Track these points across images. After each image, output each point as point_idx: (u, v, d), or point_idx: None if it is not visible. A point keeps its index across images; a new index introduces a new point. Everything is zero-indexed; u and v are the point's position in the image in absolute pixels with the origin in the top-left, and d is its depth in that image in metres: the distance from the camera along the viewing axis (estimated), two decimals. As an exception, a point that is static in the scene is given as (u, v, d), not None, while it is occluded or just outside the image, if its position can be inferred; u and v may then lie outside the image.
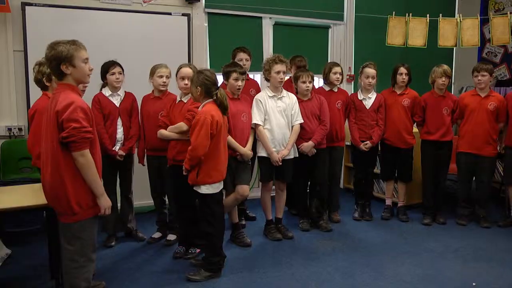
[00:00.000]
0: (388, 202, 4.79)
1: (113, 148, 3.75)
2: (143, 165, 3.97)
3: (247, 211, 4.68)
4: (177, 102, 3.61)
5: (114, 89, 3.80)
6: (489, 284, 3.20)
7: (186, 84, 3.52)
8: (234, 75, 3.65)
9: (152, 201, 4.08)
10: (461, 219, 4.52)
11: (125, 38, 4.57)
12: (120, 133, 3.80)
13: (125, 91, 3.88)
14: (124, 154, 3.78)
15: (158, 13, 4.77)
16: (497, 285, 3.19)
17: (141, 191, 4.28)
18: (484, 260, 3.63)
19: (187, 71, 3.57)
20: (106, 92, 3.79)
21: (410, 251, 3.81)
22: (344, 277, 3.31)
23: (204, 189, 3.16)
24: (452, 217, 4.59)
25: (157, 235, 4.05)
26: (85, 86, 3.33)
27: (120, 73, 3.77)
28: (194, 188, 3.18)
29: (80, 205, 2.37)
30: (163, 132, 3.50)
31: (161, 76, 3.79)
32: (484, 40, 5.90)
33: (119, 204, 4.00)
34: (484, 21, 5.69)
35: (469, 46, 5.47)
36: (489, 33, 5.32)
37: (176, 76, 3.64)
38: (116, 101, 3.80)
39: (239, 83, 3.66)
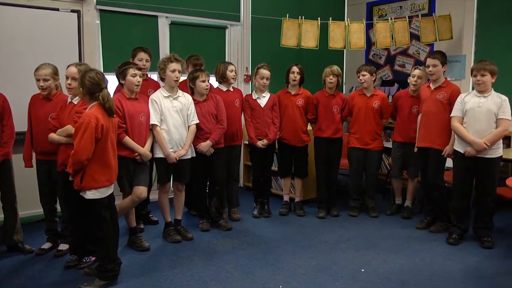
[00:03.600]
0: (286, 198, 4.96)
1: None
2: (31, 167, 3.68)
3: (150, 215, 4.56)
4: (68, 103, 3.43)
5: None
6: (375, 270, 3.44)
7: (70, 84, 3.37)
8: (131, 71, 3.55)
9: (41, 209, 3.80)
10: (352, 211, 4.82)
11: (9, 35, 4.20)
12: None
13: None
14: None
15: (45, 8, 4.44)
16: (382, 269, 3.45)
17: (28, 198, 3.94)
18: (372, 248, 3.90)
19: (71, 70, 3.39)
20: None
21: (307, 244, 3.98)
22: (243, 274, 3.36)
23: (90, 195, 3.01)
24: (345, 209, 4.87)
25: (47, 245, 3.78)
26: None
27: None
28: (80, 194, 3.03)
29: None
30: (52, 136, 3.33)
31: (38, 80, 3.52)
32: (370, 43, 6.33)
33: (1, 215, 3.67)
34: (370, 26, 6.11)
35: (357, 49, 5.83)
36: (374, 37, 5.72)
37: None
38: None
39: (138, 78, 3.57)
